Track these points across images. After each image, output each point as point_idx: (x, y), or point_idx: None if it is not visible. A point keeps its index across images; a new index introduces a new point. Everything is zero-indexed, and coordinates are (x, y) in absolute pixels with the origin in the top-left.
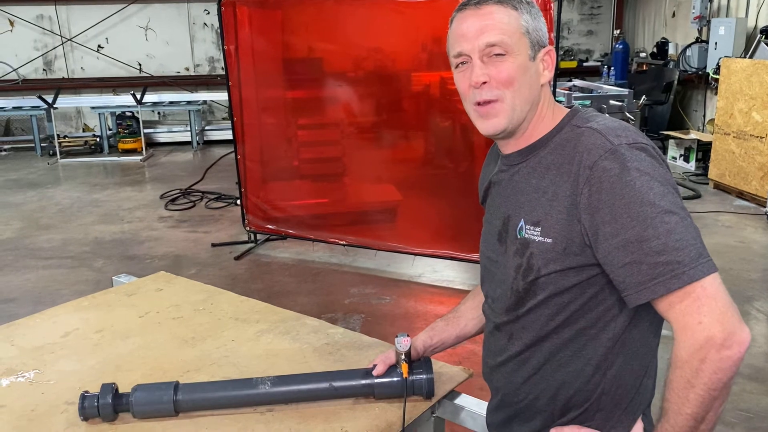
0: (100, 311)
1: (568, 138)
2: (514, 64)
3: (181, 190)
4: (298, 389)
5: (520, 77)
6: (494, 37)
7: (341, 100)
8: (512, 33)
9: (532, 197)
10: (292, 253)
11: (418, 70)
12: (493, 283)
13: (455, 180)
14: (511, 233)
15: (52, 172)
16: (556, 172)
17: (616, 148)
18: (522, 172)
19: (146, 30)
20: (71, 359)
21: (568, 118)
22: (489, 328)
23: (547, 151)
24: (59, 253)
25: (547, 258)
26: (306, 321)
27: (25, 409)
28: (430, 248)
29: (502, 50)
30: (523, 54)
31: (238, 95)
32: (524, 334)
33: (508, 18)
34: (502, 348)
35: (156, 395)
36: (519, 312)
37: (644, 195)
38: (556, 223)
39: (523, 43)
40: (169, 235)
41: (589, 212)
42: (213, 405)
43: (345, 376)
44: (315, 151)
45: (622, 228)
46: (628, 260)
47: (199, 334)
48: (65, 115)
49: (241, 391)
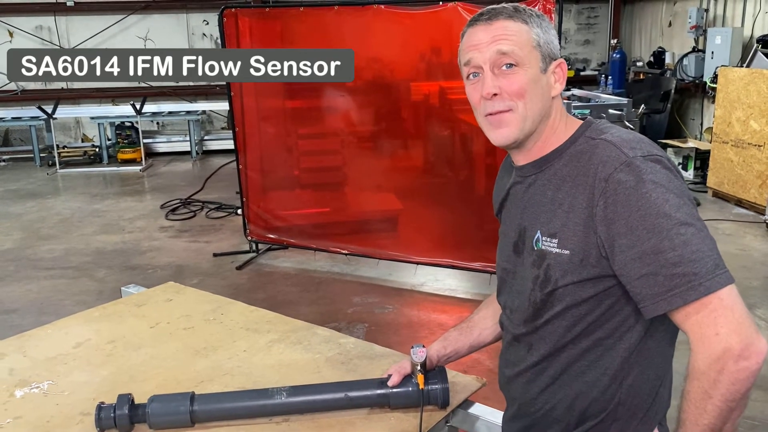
0: (111, 322)
1: (583, 150)
2: (525, 76)
3: (182, 200)
4: (313, 399)
5: (532, 89)
6: (506, 47)
7: (341, 109)
8: (523, 45)
9: (548, 209)
10: (294, 262)
11: (418, 79)
12: (511, 294)
13: (455, 189)
14: (527, 245)
15: (52, 183)
16: (572, 184)
17: (631, 160)
18: (537, 183)
19: (145, 40)
20: (84, 370)
21: (582, 130)
22: (507, 339)
23: (562, 163)
24: (61, 264)
25: (564, 269)
26: (317, 331)
27: (41, 420)
28: (431, 257)
29: (513, 60)
30: (534, 66)
31: (239, 105)
32: (542, 344)
33: (519, 31)
34: (520, 358)
35: (172, 406)
36: (537, 323)
37: (660, 207)
38: (573, 235)
39: (534, 55)
40: (170, 245)
41: (605, 224)
42: (229, 415)
43: (360, 386)
44: (316, 160)
45: (638, 240)
46: (645, 272)
47: (210, 344)
48: (64, 126)
49: (257, 402)
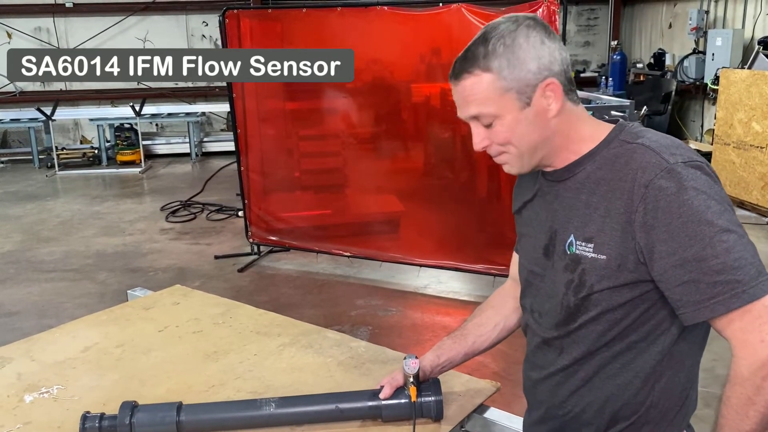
0: (118, 325)
1: (618, 153)
2: (504, 126)
3: (182, 202)
4: (303, 411)
5: (517, 130)
6: (473, 110)
7: (342, 111)
8: (489, 99)
9: (582, 213)
10: (296, 264)
11: (419, 81)
12: (539, 298)
13: (457, 191)
14: (558, 248)
15: (51, 185)
16: (608, 188)
17: (673, 166)
18: (569, 187)
19: (144, 42)
20: (94, 374)
21: (615, 133)
22: (535, 342)
23: (596, 167)
24: (61, 266)
25: (600, 274)
26: (327, 334)
27: (51, 425)
28: (434, 259)
29: (487, 120)
30: (512, 109)
31: (241, 107)
32: (575, 348)
33: (482, 85)
34: (549, 361)
35: (158, 417)
36: (570, 327)
37: (702, 214)
38: (610, 240)
39: (506, 100)
40: (171, 248)
41: (645, 230)
42: (217, 426)
43: (351, 397)
44: (317, 162)
45: (679, 247)
46: (686, 279)
47: (221, 348)
48: (63, 127)
49: (245, 413)
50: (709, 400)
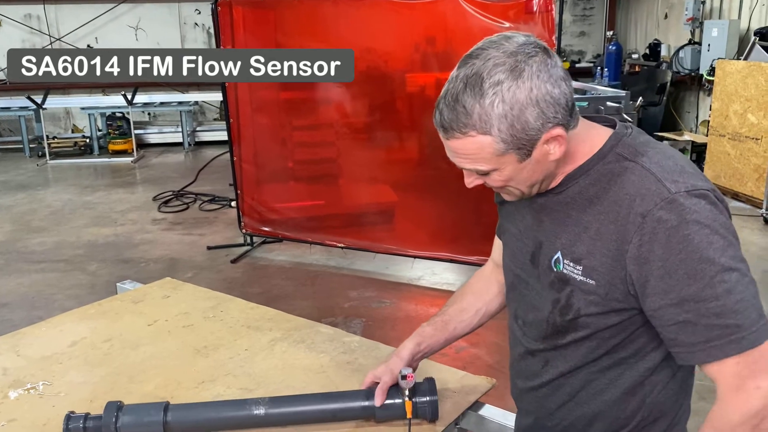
0: (107, 319)
1: (613, 171)
2: (502, 176)
3: (174, 192)
4: (295, 411)
5: (516, 178)
6: (467, 166)
7: (336, 101)
8: (486, 160)
9: (571, 230)
10: (289, 255)
11: (413, 70)
12: (524, 305)
13: (452, 182)
14: (543, 262)
15: (42, 174)
16: (601, 209)
17: (674, 197)
18: (558, 200)
19: (136, 30)
20: (81, 370)
21: (611, 144)
22: (519, 351)
23: (588, 182)
24: (52, 257)
25: (588, 300)
26: (320, 329)
27: (36, 423)
28: (428, 250)
29: (482, 172)
30: (511, 163)
31: (234, 96)
32: (561, 362)
33: (477, 146)
34: (535, 373)
35: (144, 417)
36: (557, 343)
37: (703, 251)
38: (600, 266)
39: (505, 158)
40: (163, 238)
41: (638, 263)
42: (205, 427)
43: (344, 398)
44: (310, 152)
45: (677, 284)
46: (682, 319)
47: (211, 342)
48: (54, 116)
49: (234, 413)
50: (704, 393)
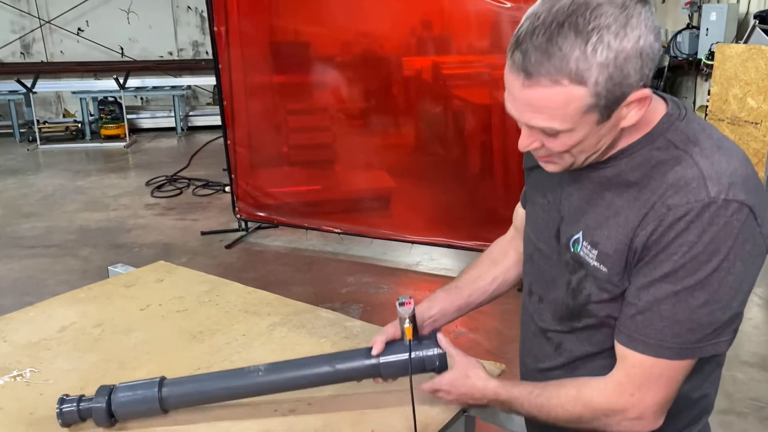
0: (98, 304)
1: (661, 160)
2: (570, 139)
3: (167, 177)
4: (295, 376)
5: (583, 144)
6: (541, 124)
7: (332, 85)
8: (568, 117)
9: (600, 212)
10: (285, 241)
11: (409, 54)
12: (541, 281)
13: (449, 167)
14: (562, 239)
15: (33, 159)
16: (636, 195)
17: (711, 202)
18: (594, 178)
19: (128, 13)
20: (70, 356)
21: (662, 127)
22: (531, 328)
23: (631, 166)
24: (43, 242)
25: (599, 286)
26: (320, 313)
27: (23, 411)
28: (426, 236)
29: (552, 132)
30: (587, 126)
31: (228, 78)
32: (574, 347)
33: (565, 99)
34: (547, 355)
35: (138, 393)
36: (574, 325)
37: (714, 260)
38: (613, 252)
39: (586, 118)
40: (156, 223)
41: (644, 247)
42: (203, 399)
43: (346, 357)
44: (305, 137)
45: (668, 270)
46: (642, 303)
47: (207, 327)
48: (45, 101)
49: (231, 382)
50: None
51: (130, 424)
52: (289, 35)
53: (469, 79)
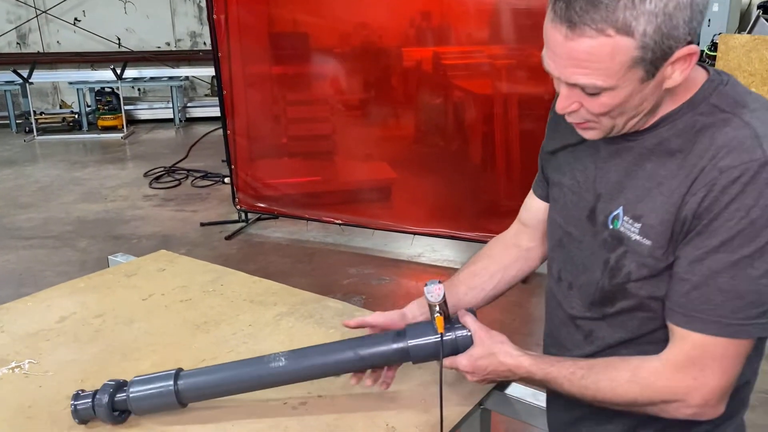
0: (98, 293)
1: (706, 123)
2: (612, 99)
3: (165, 168)
4: (320, 363)
5: (624, 105)
6: (582, 80)
7: (331, 76)
8: (612, 72)
9: (641, 185)
10: (285, 232)
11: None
12: (571, 267)
13: (450, 158)
14: (599, 217)
15: (29, 150)
16: (681, 164)
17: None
18: (633, 149)
19: (125, 3)
20: (70, 347)
21: (705, 93)
22: (559, 316)
23: (673, 133)
24: (40, 233)
25: (640, 262)
26: (328, 303)
27: (22, 405)
28: (428, 227)
29: (593, 90)
30: (631, 84)
31: (227, 68)
32: (607, 335)
33: (610, 52)
34: (574, 344)
35: (154, 387)
36: (606, 311)
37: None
38: (659, 224)
39: (632, 73)
40: (155, 214)
41: (695, 216)
42: (221, 391)
43: (372, 342)
44: (305, 127)
45: (723, 240)
46: (696, 278)
47: (211, 318)
48: (41, 91)
49: (251, 371)
50: None
51: (140, 421)
52: (288, 25)
53: (469, 70)
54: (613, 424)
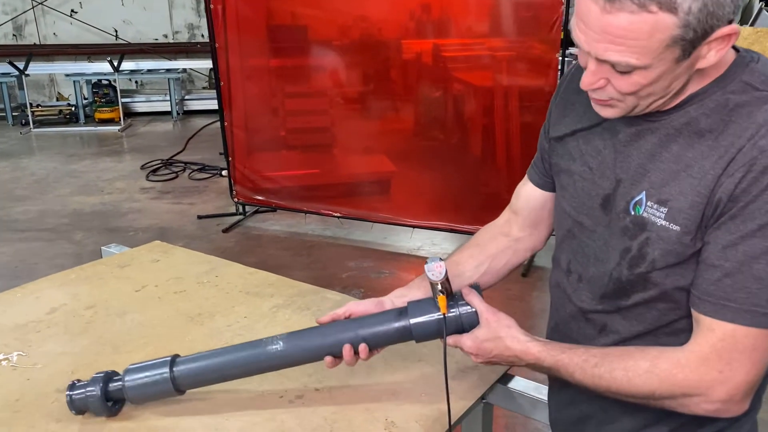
0: (90, 284)
1: (740, 102)
2: (644, 78)
3: (163, 161)
4: (318, 345)
5: (657, 83)
6: (615, 57)
7: (330, 69)
8: (649, 51)
9: (666, 167)
10: (284, 225)
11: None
12: (582, 258)
13: (451, 151)
14: (619, 204)
15: (26, 142)
16: (713, 144)
17: None
18: (657, 129)
19: None
20: (60, 339)
21: (736, 70)
22: (568, 309)
23: (702, 112)
24: (36, 225)
25: (666, 249)
26: (326, 294)
27: (9, 398)
28: (427, 220)
29: (625, 69)
30: (665, 63)
31: (225, 58)
32: (623, 327)
33: (650, 29)
34: (585, 337)
35: (149, 374)
36: (621, 304)
37: None
38: (689, 208)
39: (667, 54)
40: (152, 207)
41: (731, 198)
42: (218, 376)
43: (373, 321)
44: (304, 120)
45: (759, 224)
46: (729, 265)
47: (206, 309)
48: (38, 84)
49: (248, 355)
50: None
51: (132, 414)
52: (286, 17)
53: (469, 62)
54: (621, 422)
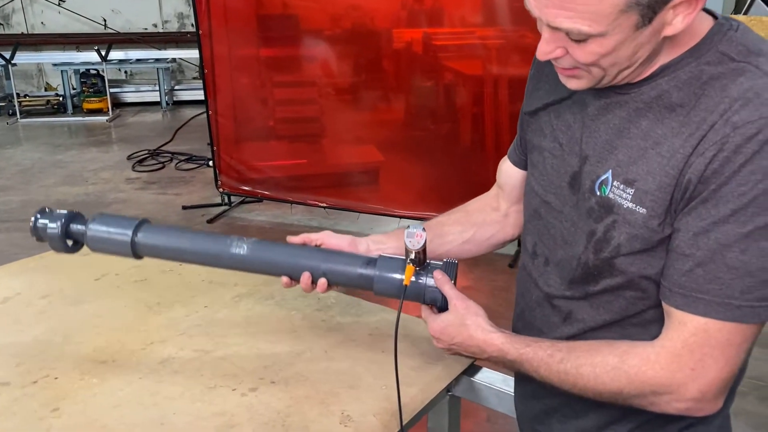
0: (48, 273)
1: (714, 74)
2: (601, 47)
3: (150, 151)
4: (280, 262)
5: (615, 54)
6: (567, 24)
7: (320, 58)
8: (602, 17)
9: (634, 144)
10: (269, 216)
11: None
12: (548, 240)
13: (440, 140)
14: (585, 183)
15: (12, 133)
16: (684, 120)
17: None
18: (628, 104)
19: None
20: (10, 329)
21: (712, 40)
22: (534, 295)
23: (675, 85)
24: (18, 216)
25: (632, 233)
26: None
27: None
28: (415, 210)
29: (580, 37)
30: (624, 30)
31: (209, 46)
32: (589, 316)
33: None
34: (551, 326)
35: (113, 228)
36: (589, 290)
37: None
38: (656, 189)
39: (624, 18)
40: (137, 197)
41: (701, 180)
42: (175, 257)
43: (340, 259)
44: (292, 110)
45: (733, 209)
46: (701, 254)
47: (165, 299)
48: (25, 74)
49: (210, 247)
50: None
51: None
52: (277, 7)
53: (460, 51)
54: (587, 416)
